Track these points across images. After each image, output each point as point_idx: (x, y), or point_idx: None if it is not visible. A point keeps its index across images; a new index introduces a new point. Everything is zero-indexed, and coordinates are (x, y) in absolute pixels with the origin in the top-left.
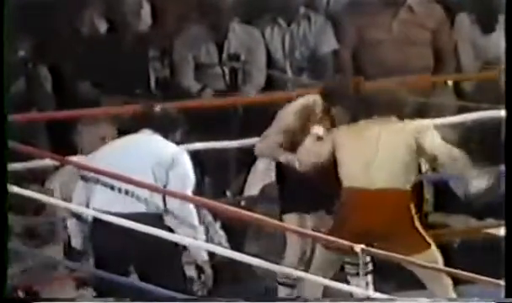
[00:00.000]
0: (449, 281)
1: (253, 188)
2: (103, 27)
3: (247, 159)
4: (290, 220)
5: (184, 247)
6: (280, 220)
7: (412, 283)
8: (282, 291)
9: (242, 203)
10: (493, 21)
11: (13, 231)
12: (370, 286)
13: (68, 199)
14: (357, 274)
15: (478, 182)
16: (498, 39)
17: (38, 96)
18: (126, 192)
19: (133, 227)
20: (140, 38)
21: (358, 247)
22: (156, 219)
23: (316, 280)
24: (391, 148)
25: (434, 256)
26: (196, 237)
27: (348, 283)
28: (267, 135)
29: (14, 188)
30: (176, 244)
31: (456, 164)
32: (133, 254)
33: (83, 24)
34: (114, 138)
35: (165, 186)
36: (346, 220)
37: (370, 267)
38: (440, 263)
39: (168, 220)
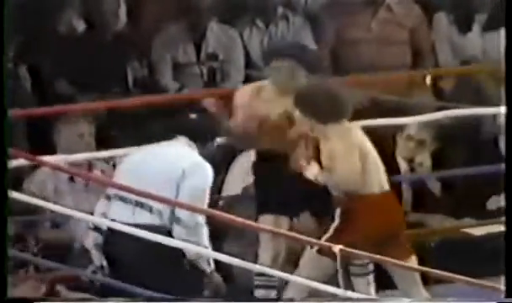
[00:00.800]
0: (422, 288)
1: (231, 188)
2: (81, 26)
3: (226, 159)
4: (265, 222)
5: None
6: (256, 221)
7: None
8: (259, 293)
9: (221, 203)
10: (470, 20)
11: None
12: (372, 285)
13: (45, 200)
14: (361, 275)
15: None
16: (476, 38)
17: (18, 96)
18: (137, 204)
19: (141, 236)
20: (118, 37)
21: (336, 248)
22: (163, 232)
23: (301, 282)
24: (373, 150)
25: (415, 264)
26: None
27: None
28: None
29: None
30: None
31: None
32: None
33: (62, 24)
34: (92, 135)
35: (176, 192)
36: (361, 225)
37: (371, 267)
38: (417, 275)
39: (177, 233)
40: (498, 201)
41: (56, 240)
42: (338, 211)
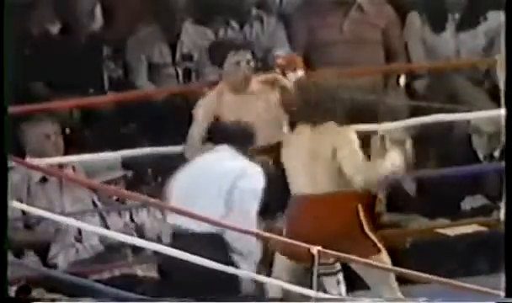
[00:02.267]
0: (396, 284)
1: None
2: (56, 27)
3: None
4: None
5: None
6: None
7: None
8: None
9: None
10: (443, 20)
11: None
12: (342, 284)
13: (21, 201)
14: (329, 274)
15: None
16: (449, 38)
17: None
18: None
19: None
20: (93, 38)
21: (315, 249)
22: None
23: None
24: (323, 151)
25: (384, 261)
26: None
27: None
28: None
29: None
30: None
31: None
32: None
33: (37, 25)
34: (59, 135)
35: (228, 200)
36: (297, 227)
37: (338, 266)
38: (388, 272)
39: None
40: (472, 202)
41: (28, 241)
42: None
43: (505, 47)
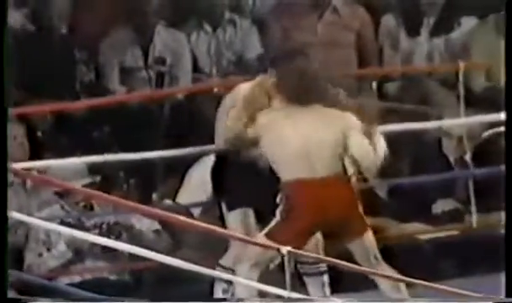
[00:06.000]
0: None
1: (192, 195)
2: (28, 29)
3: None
4: (235, 217)
5: None
6: (222, 216)
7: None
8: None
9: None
10: (418, 24)
11: None
12: (327, 287)
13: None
14: (313, 274)
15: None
16: (423, 42)
17: None
18: None
19: None
20: (65, 41)
21: (284, 249)
22: None
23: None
24: (324, 135)
25: (372, 238)
26: None
27: (303, 283)
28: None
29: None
30: None
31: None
32: None
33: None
34: (24, 136)
35: None
36: (297, 213)
37: (324, 267)
38: (375, 246)
39: None
40: (443, 205)
41: None
42: (282, 198)
43: (505, 47)
